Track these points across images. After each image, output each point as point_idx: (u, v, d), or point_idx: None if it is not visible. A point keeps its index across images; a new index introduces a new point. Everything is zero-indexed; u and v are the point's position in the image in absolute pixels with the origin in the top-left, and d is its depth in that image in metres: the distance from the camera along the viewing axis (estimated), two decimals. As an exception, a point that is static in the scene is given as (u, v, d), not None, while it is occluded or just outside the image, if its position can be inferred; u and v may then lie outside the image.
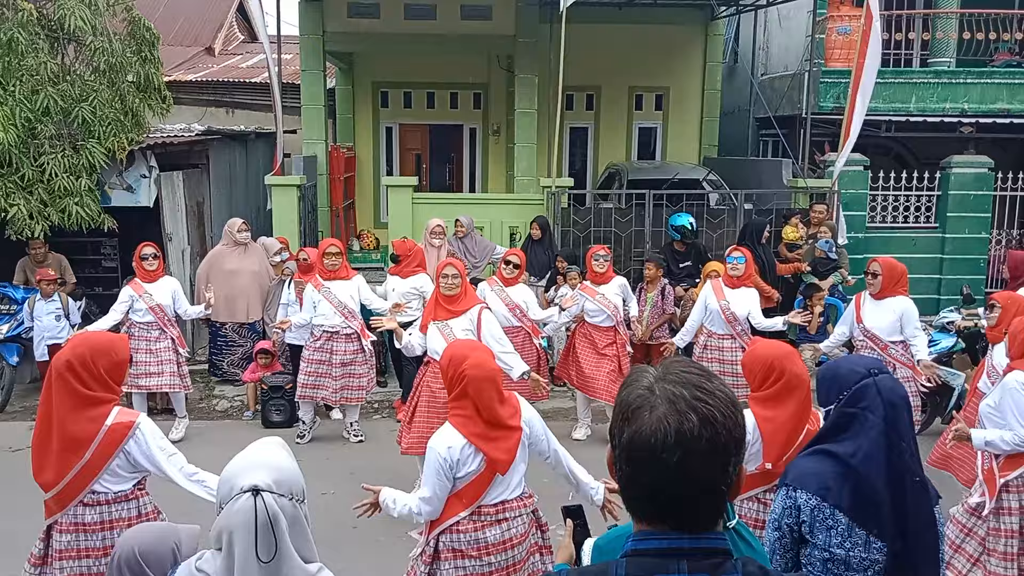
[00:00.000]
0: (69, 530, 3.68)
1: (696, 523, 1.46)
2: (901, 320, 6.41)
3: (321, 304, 7.36)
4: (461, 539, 3.58)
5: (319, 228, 12.20)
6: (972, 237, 11.36)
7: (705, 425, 1.41)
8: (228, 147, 11.86)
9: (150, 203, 9.59)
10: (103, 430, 3.60)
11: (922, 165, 12.04)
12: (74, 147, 8.82)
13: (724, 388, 1.48)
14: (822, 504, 2.79)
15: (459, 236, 9.58)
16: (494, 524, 3.60)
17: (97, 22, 9.14)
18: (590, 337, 7.69)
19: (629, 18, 13.38)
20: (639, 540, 1.50)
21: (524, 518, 3.68)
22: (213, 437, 7.80)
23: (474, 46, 13.26)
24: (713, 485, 1.44)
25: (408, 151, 15.47)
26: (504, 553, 3.60)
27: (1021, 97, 12.34)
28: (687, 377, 1.47)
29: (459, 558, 3.58)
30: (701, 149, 14.98)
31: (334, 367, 7.39)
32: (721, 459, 1.43)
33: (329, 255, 7.43)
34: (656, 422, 1.42)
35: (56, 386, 3.59)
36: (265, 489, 1.97)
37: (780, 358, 3.72)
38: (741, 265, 7.23)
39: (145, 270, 7.65)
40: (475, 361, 3.60)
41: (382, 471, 6.27)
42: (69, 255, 9.55)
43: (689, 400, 1.43)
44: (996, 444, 4.30)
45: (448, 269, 6.07)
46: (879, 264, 6.53)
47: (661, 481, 1.44)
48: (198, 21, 19.80)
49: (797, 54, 13.35)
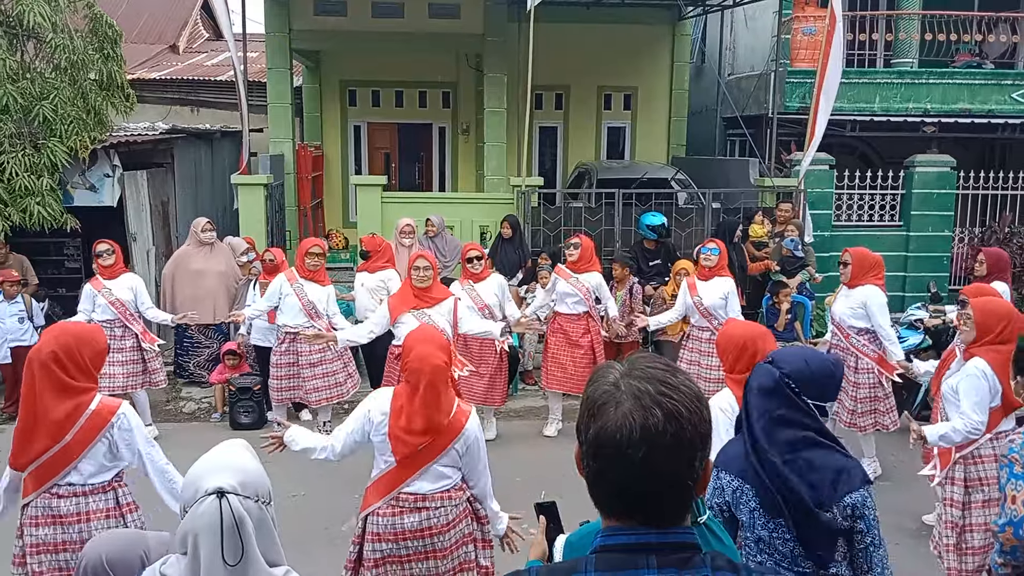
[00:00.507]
0: (45, 523, 3.62)
1: (663, 518, 1.46)
2: (866, 308, 6.50)
3: (288, 299, 7.24)
4: (380, 523, 3.73)
5: (287, 228, 12.09)
6: (936, 235, 11.53)
7: (670, 420, 1.41)
8: (193, 146, 11.71)
9: (113, 203, 9.45)
10: (86, 414, 3.59)
11: (886, 164, 12.20)
12: (35, 146, 8.67)
13: (690, 383, 1.48)
14: (743, 485, 2.85)
15: (430, 235, 9.55)
16: (412, 511, 3.71)
17: (57, 18, 9.00)
18: (563, 330, 7.68)
19: (597, 18, 13.43)
20: (607, 536, 1.49)
21: (448, 509, 3.75)
22: (180, 439, 7.68)
23: (442, 45, 13.22)
24: (679, 480, 1.44)
25: (377, 150, 15.40)
26: (422, 540, 3.72)
27: (981, 97, 12.57)
28: (652, 372, 1.47)
29: (378, 540, 3.73)
30: (669, 148, 15.09)
31: (303, 367, 7.29)
32: (687, 454, 1.43)
33: (312, 255, 7.32)
34: (621, 418, 1.42)
35: (40, 376, 3.55)
36: (230, 491, 1.94)
37: (755, 338, 3.74)
38: (714, 256, 7.26)
39: (103, 265, 7.54)
40: (420, 353, 3.68)
41: (350, 471, 6.22)
42: (31, 256, 9.36)
43: (654, 395, 1.42)
44: (949, 437, 4.39)
45: (420, 261, 6.32)
46: (850, 254, 6.66)
47: (627, 477, 1.43)
48: (162, 18, 19.54)
49: (763, 54, 13.48)
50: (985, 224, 11.69)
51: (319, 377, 7.32)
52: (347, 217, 14.62)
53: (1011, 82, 12.62)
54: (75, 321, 6.21)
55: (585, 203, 11.02)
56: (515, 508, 3.94)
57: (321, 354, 7.29)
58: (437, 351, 3.72)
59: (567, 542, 2.26)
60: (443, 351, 3.77)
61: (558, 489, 3.62)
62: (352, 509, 4.17)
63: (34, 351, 3.63)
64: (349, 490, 5.03)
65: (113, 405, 3.69)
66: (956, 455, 4.54)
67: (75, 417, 3.57)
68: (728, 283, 7.30)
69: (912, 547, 5.42)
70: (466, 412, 3.77)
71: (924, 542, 5.63)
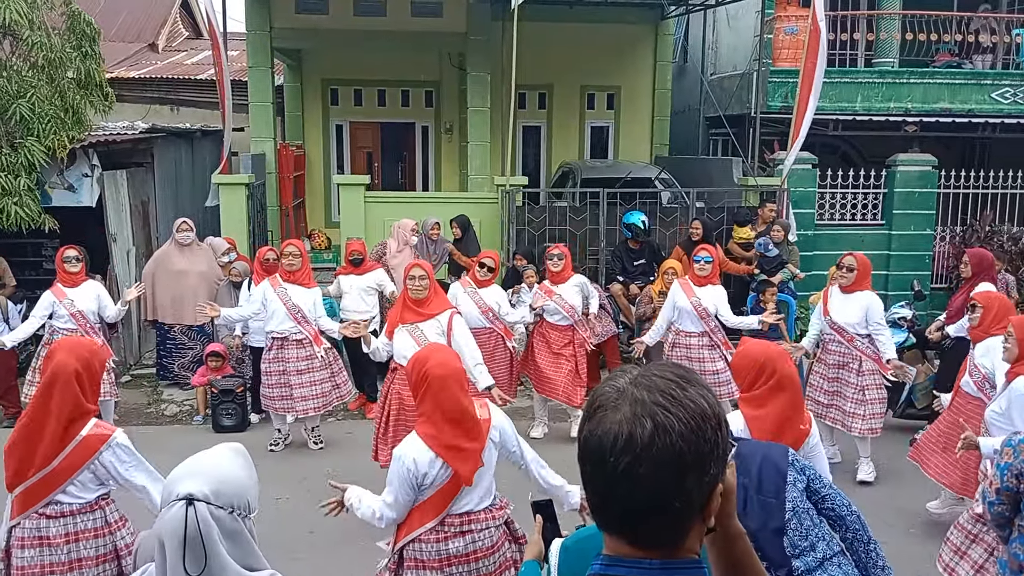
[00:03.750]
0: (32, 545, 3.51)
1: (654, 542, 1.37)
2: (867, 314, 6.56)
3: (273, 304, 7.08)
4: (424, 549, 3.51)
5: (268, 228, 11.99)
6: (917, 234, 11.60)
7: (659, 433, 1.31)
8: (173, 145, 11.59)
9: (93, 203, 9.32)
10: (76, 440, 3.48)
11: (868, 163, 12.26)
12: (12, 145, 8.54)
13: (699, 399, 1.36)
14: None
15: (432, 238, 9.46)
16: (458, 535, 3.52)
17: (34, 16, 8.87)
18: (546, 337, 7.65)
19: (580, 17, 13.41)
20: (606, 565, 1.41)
21: (492, 530, 3.59)
22: (161, 442, 7.57)
23: (425, 43, 13.16)
24: (663, 499, 1.33)
25: (359, 149, 15.30)
26: (467, 565, 3.52)
27: (962, 97, 12.65)
28: (656, 381, 1.38)
29: (421, 568, 3.51)
30: (652, 148, 15.10)
31: (290, 375, 7.11)
32: (674, 472, 1.31)
33: (288, 255, 7.16)
34: (611, 424, 1.35)
35: (62, 392, 3.45)
36: (201, 499, 1.87)
37: (772, 359, 3.65)
38: (708, 265, 7.27)
39: (67, 272, 7.31)
40: (438, 360, 3.52)
41: (338, 476, 6.16)
42: (8, 257, 9.21)
43: (648, 405, 1.34)
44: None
45: (415, 271, 5.87)
46: (854, 259, 6.68)
47: (608, 487, 1.35)
48: (141, 16, 19.33)
49: (745, 54, 13.50)
50: (966, 223, 11.76)
51: (306, 386, 7.13)
52: (330, 217, 14.53)
53: (991, 82, 12.71)
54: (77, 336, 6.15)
55: (569, 203, 11.00)
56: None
57: (308, 362, 7.12)
58: (451, 355, 3.66)
59: (563, 546, 2.22)
60: (455, 357, 3.68)
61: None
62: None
63: (59, 367, 3.48)
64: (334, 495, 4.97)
65: (104, 434, 3.56)
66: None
67: (66, 441, 3.46)
68: (721, 291, 7.37)
69: (903, 546, 5.42)
70: (484, 403, 3.67)
71: (916, 540, 5.67)
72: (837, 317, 6.66)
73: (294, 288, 7.10)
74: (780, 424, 3.58)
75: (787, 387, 3.60)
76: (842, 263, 6.75)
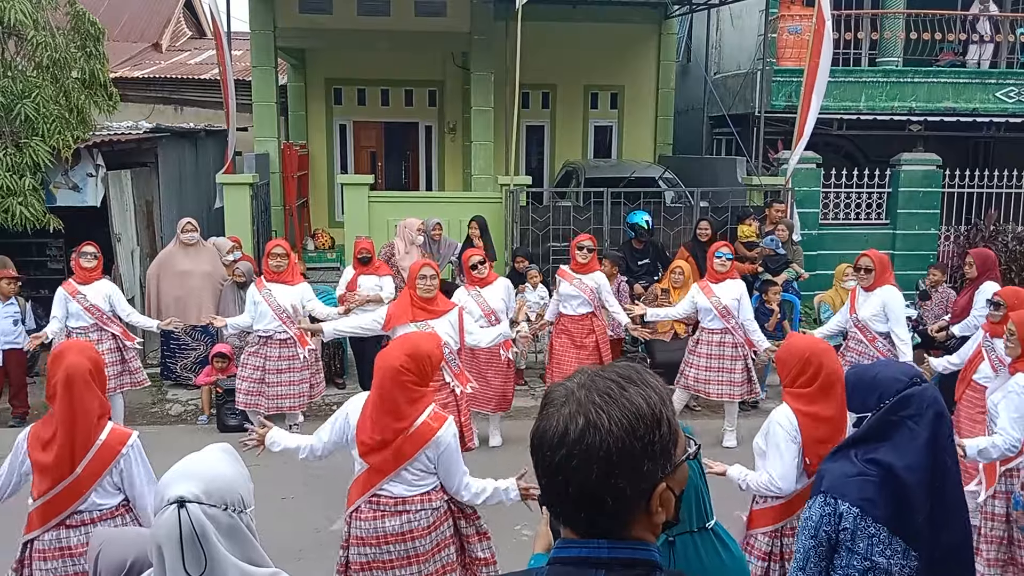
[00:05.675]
0: (54, 556, 3.47)
1: (597, 531, 1.42)
2: (885, 309, 6.62)
3: (260, 307, 7.10)
4: (362, 526, 3.75)
5: (272, 227, 12.00)
6: (922, 233, 11.59)
7: (589, 430, 1.37)
8: (177, 145, 11.59)
9: (97, 203, 9.32)
10: (96, 445, 3.46)
11: (872, 163, 12.25)
12: (17, 145, 8.55)
13: (637, 398, 1.40)
14: (864, 514, 2.81)
15: (435, 239, 9.48)
16: (394, 515, 3.72)
17: (39, 16, 8.87)
18: (568, 331, 7.60)
19: (584, 16, 13.41)
20: (561, 548, 1.48)
21: (428, 512, 3.75)
22: (166, 442, 7.57)
23: (429, 43, 13.16)
24: (593, 494, 1.38)
25: (362, 149, 15.31)
26: (404, 544, 3.72)
27: (966, 96, 12.63)
28: (599, 381, 1.43)
29: (361, 544, 3.76)
30: (656, 147, 15.09)
31: (268, 372, 7.12)
32: (601, 468, 1.36)
33: (273, 255, 7.16)
34: (551, 419, 1.42)
35: (81, 392, 3.44)
36: (192, 500, 1.88)
37: (817, 353, 3.64)
38: (728, 261, 7.34)
39: (83, 267, 7.30)
40: (385, 353, 3.78)
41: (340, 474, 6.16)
42: (13, 257, 9.23)
43: (583, 403, 1.40)
44: (988, 452, 4.34)
45: (426, 270, 5.96)
46: (869, 259, 6.73)
47: (547, 479, 1.44)
48: (144, 16, 19.35)
49: (749, 53, 13.49)
50: (970, 222, 11.74)
51: (284, 384, 7.16)
52: (333, 216, 14.54)
53: (995, 81, 12.69)
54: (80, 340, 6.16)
55: (573, 202, 10.99)
56: (510, 509, 3.92)
57: (290, 362, 7.14)
58: (399, 354, 3.68)
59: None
60: (409, 356, 3.68)
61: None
62: (342, 511, 4.12)
63: (73, 368, 3.44)
64: (339, 493, 4.97)
65: (124, 435, 3.55)
66: (1001, 469, 4.48)
67: (87, 446, 3.43)
68: (740, 285, 7.39)
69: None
70: (441, 418, 3.73)
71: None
72: (862, 313, 6.76)
73: (278, 287, 7.13)
74: (837, 425, 3.55)
75: (835, 383, 3.58)
76: (858, 264, 6.80)
